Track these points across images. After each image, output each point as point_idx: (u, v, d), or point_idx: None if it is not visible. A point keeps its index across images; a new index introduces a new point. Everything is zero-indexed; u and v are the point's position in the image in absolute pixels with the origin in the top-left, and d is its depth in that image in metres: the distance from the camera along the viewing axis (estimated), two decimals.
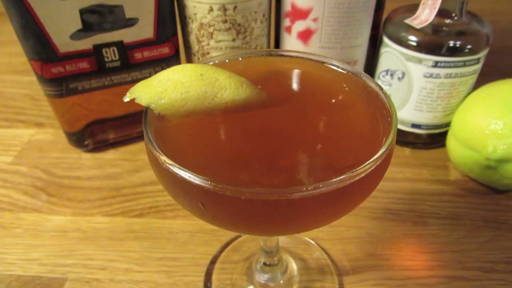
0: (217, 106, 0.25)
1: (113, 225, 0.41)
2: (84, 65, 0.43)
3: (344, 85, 0.28)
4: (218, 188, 0.18)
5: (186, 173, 0.19)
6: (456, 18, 0.42)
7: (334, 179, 0.18)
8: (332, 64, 0.28)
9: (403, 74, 0.44)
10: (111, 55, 0.43)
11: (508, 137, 0.38)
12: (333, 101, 0.27)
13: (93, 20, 0.40)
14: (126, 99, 0.24)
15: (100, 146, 0.50)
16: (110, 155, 0.49)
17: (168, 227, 0.41)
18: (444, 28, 0.42)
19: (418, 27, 0.42)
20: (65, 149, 0.50)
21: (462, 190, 0.44)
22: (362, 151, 0.23)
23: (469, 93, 0.45)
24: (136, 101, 0.24)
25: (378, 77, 0.48)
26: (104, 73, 0.44)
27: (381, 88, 0.26)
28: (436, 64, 0.42)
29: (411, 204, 0.43)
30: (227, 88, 0.25)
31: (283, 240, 0.39)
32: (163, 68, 0.46)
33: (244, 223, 0.20)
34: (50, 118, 0.55)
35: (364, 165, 0.19)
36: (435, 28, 0.42)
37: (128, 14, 0.41)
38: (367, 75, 0.27)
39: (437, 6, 0.41)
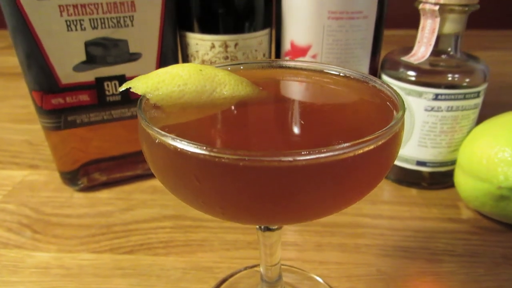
0: (216, 101, 0.24)
1: (100, 261, 0.37)
2: (84, 97, 0.43)
3: (349, 87, 0.27)
4: (214, 153, 0.17)
5: (180, 142, 0.18)
6: (451, 53, 0.43)
7: (338, 146, 0.17)
8: (334, 70, 0.28)
9: None
10: (112, 89, 0.44)
11: None
12: (337, 99, 0.26)
13: (97, 53, 0.41)
14: (122, 88, 0.23)
15: (94, 185, 0.48)
16: (103, 194, 0.47)
17: (159, 264, 0.37)
18: (441, 63, 0.43)
19: (415, 62, 0.43)
20: (58, 188, 0.48)
21: (476, 228, 0.41)
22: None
23: (472, 128, 0.44)
24: (132, 89, 0.23)
25: None
26: (104, 106, 0.44)
27: (388, 87, 0.25)
28: (436, 97, 0.42)
29: (423, 241, 0.40)
30: (226, 84, 0.25)
31: (287, 276, 0.35)
32: None
33: (241, 199, 0.18)
34: (46, 161, 0.53)
35: (369, 136, 0.18)
36: (432, 63, 0.43)
37: (132, 48, 0.43)
38: (372, 77, 0.26)
39: (432, 42, 0.43)
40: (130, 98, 0.45)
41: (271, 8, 0.46)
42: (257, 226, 0.29)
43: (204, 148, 0.17)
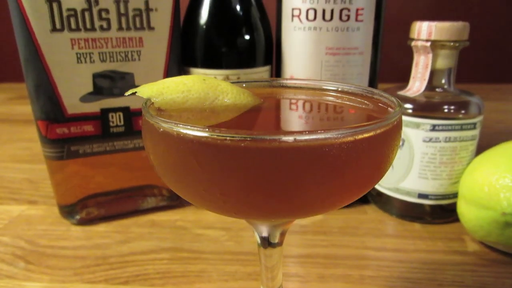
0: (218, 108, 0.25)
1: None
2: (89, 128, 0.44)
3: (348, 97, 0.28)
4: (216, 134, 0.17)
5: (182, 126, 0.18)
6: (446, 87, 0.44)
7: (338, 129, 0.17)
8: (333, 86, 0.29)
9: (403, 141, 0.45)
10: (116, 120, 0.45)
11: None
12: (338, 108, 0.27)
13: (104, 84, 0.43)
14: (128, 93, 0.24)
15: (92, 219, 0.47)
16: (101, 228, 0.46)
17: None
18: (437, 97, 0.44)
19: (411, 96, 0.44)
20: (55, 222, 0.47)
21: (484, 260, 0.40)
22: None
23: (471, 160, 0.44)
24: (138, 94, 0.24)
25: None
26: (107, 137, 0.45)
27: (386, 95, 0.25)
28: (434, 128, 0.43)
29: (430, 273, 0.38)
30: (228, 92, 0.26)
31: None
32: None
33: (241, 183, 0.18)
34: (45, 197, 0.53)
35: (368, 122, 0.18)
36: (427, 96, 0.44)
37: (138, 81, 0.44)
38: (372, 89, 0.27)
39: (426, 77, 0.45)
40: (133, 130, 0.46)
41: (272, 45, 0.49)
42: (258, 241, 0.28)
43: (206, 130, 0.17)
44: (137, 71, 0.44)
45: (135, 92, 0.24)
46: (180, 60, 0.46)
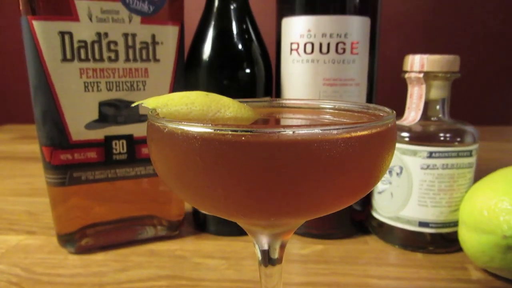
0: (220, 120, 0.26)
1: None
2: (92, 154, 0.45)
3: (345, 115, 0.29)
4: (218, 129, 0.18)
5: (186, 124, 0.19)
6: (440, 116, 0.46)
7: (336, 125, 0.18)
8: (330, 104, 0.30)
9: (401, 168, 0.46)
10: (119, 148, 0.45)
11: None
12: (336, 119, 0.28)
13: (109, 112, 0.44)
14: (135, 104, 0.25)
15: (90, 248, 0.47)
16: (99, 256, 0.46)
17: None
18: (432, 126, 0.45)
19: (407, 125, 0.46)
20: (52, 251, 0.47)
21: None
22: None
23: (470, 188, 0.45)
24: (144, 105, 0.25)
25: None
26: (110, 164, 0.45)
27: (381, 109, 0.26)
28: (430, 155, 0.44)
29: None
30: (230, 106, 0.27)
31: None
32: None
33: (242, 177, 0.18)
34: (44, 228, 0.53)
35: (364, 120, 0.19)
36: (423, 125, 0.45)
37: (142, 110, 0.46)
38: (368, 104, 0.28)
39: (421, 107, 0.46)
40: (135, 158, 0.46)
41: (272, 77, 0.51)
42: (259, 258, 0.28)
43: (209, 126, 0.18)
44: (141, 100, 0.45)
45: (142, 104, 0.25)
46: (183, 90, 0.48)
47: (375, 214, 0.50)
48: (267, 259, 0.28)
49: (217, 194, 0.19)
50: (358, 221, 0.52)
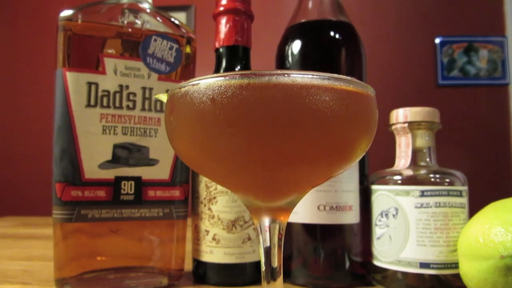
0: None
1: None
2: (101, 193, 0.47)
3: None
4: (228, 76, 0.22)
5: (200, 78, 0.23)
6: (428, 161, 0.49)
7: (331, 76, 0.22)
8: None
9: (396, 209, 0.47)
10: (127, 188, 0.48)
11: (511, 232, 0.37)
12: None
13: (122, 154, 0.48)
14: (156, 97, 0.29)
15: None
16: None
17: None
18: (422, 170, 0.49)
19: (398, 169, 0.49)
20: None
21: None
22: None
23: None
24: (156, 97, 0.29)
25: (376, 224, 0.50)
26: (117, 204, 0.47)
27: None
28: (423, 194, 0.46)
29: None
30: None
31: None
32: (171, 210, 0.51)
33: (247, 117, 0.21)
34: (40, 280, 0.52)
35: (347, 77, 0.23)
36: (414, 169, 0.49)
37: (152, 155, 0.50)
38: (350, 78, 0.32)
39: (409, 154, 0.50)
40: (141, 199, 0.49)
41: None
42: (263, 269, 0.29)
43: (220, 75, 0.22)
44: (152, 145, 0.50)
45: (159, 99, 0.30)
46: None
47: (376, 262, 0.49)
48: (271, 278, 0.29)
49: (224, 132, 0.22)
50: (360, 274, 0.52)
